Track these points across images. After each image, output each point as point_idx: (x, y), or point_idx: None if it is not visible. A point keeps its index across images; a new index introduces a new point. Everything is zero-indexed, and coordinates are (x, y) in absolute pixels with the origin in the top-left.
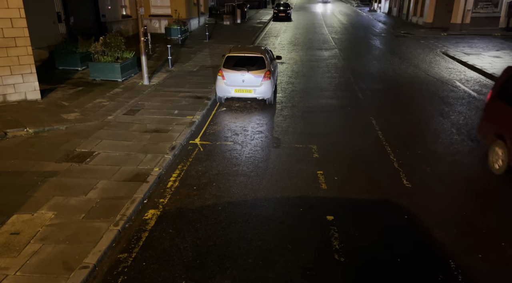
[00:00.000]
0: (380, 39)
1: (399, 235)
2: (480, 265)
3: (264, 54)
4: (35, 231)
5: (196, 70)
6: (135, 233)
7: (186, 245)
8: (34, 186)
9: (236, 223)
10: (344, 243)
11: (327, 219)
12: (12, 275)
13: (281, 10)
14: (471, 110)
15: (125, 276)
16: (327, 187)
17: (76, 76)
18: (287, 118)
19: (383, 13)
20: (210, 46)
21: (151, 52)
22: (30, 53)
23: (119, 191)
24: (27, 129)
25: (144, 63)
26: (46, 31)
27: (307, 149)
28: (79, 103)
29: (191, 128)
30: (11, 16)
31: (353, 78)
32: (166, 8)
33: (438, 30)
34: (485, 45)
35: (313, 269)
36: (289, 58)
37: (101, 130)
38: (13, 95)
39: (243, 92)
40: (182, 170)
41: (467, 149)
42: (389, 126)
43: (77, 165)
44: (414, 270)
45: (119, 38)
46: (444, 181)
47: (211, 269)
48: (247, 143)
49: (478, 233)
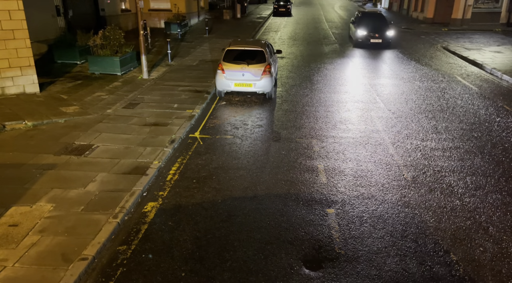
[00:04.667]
0: None
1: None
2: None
3: (264, 47)
4: (33, 223)
5: (196, 65)
6: (134, 226)
7: (185, 238)
8: (33, 178)
9: (236, 215)
10: (345, 236)
11: (327, 212)
12: (10, 267)
13: (281, 5)
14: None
15: (124, 268)
16: (327, 180)
17: (75, 69)
18: (287, 113)
19: (383, 8)
20: (209, 40)
21: (150, 47)
22: (28, 46)
23: (118, 183)
24: (26, 122)
25: (143, 57)
26: (45, 24)
27: (307, 143)
28: (78, 96)
29: (190, 122)
30: (9, 8)
31: (354, 73)
32: (165, 2)
33: (439, 25)
34: (486, 41)
35: (313, 261)
36: (289, 53)
37: (100, 123)
38: (12, 88)
39: (243, 86)
40: (182, 163)
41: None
42: (389, 123)
43: (76, 158)
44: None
45: (119, 31)
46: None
47: (210, 261)
48: (247, 137)
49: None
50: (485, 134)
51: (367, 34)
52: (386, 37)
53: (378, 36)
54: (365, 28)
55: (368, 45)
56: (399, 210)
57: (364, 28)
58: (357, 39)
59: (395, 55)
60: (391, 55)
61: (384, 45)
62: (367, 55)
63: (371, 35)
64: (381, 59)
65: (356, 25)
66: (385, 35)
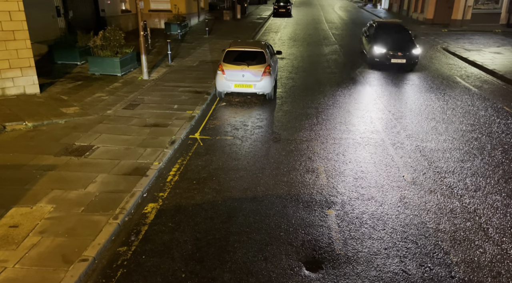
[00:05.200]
0: None
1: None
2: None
3: (264, 48)
4: (34, 224)
5: (196, 65)
6: (134, 227)
7: (186, 239)
8: (33, 179)
9: (236, 217)
10: (345, 237)
11: (327, 213)
12: (11, 268)
13: (281, 6)
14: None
15: (125, 269)
16: (327, 181)
17: (75, 70)
18: (287, 114)
19: (383, 9)
20: (210, 41)
21: (150, 47)
22: (29, 47)
23: (119, 184)
24: (26, 123)
25: (143, 58)
26: (45, 25)
27: (307, 144)
28: (78, 97)
29: (190, 123)
30: (9, 9)
31: (353, 73)
32: (165, 3)
33: (438, 26)
34: (486, 42)
35: (313, 262)
36: (289, 54)
37: (100, 124)
38: (12, 89)
39: (243, 87)
40: (182, 164)
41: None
42: (389, 122)
43: (76, 159)
44: None
45: (119, 32)
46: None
47: (211, 262)
48: (247, 138)
49: None
50: (485, 135)
51: (386, 52)
52: (411, 56)
53: (402, 55)
54: (384, 44)
55: (387, 66)
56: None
57: (382, 44)
58: (373, 58)
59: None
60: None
61: (408, 67)
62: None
63: (391, 54)
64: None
65: (371, 40)
66: (411, 54)
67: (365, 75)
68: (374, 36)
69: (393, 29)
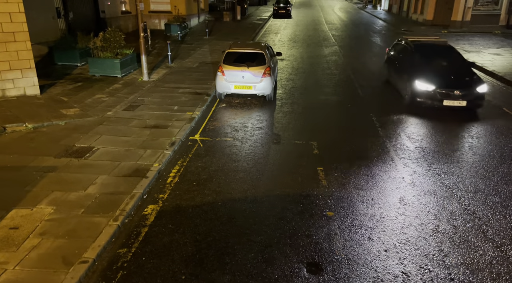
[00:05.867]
0: (380, 36)
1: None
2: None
3: (264, 50)
4: (34, 226)
5: (196, 67)
6: (134, 228)
7: (186, 240)
8: (33, 180)
9: (236, 218)
10: (345, 239)
11: (327, 215)
12: (11, 270)
13: (281, 7)
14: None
15: (125, 271)
16: (327, 183)
17: (75, 72)
18: (287, 115)
19: (383, 10)
20: (210, 42)
21: (150, 48)
22: (29, 48)
23: (119, 186)
24: (26, 125)
25: (143, 59)
26: (45, 26)
27: (307, 145)
28: (78, 98)
29: (190, 124)
30: (10, 10)
31: (353, 75)
32: (165, 4)
33: (438, 28)
34: (486, 43)
35: (313, 264)
36: (289, 55)
37: (100, 125)
38: (12, 91)
39: (243, 88)
40: (182, 165)
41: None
42: (389, 122)
43: (76, 160)
44: None
45: (119, 33)
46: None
47: (211, 264)
48: (247, 139)
49: None
50: (484, 137)
51: (436, 89)
52: (474, 96)
53: (460, 94)
54: (432, 78)
55: (437, 110)
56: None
57: (429, 77)
58: (415, 98)
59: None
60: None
61: (469, 110)
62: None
63: (444, 93)
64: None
65: (407, 69)
66: (473, 92)
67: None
68: (412, 64)
69: (440, 53)
